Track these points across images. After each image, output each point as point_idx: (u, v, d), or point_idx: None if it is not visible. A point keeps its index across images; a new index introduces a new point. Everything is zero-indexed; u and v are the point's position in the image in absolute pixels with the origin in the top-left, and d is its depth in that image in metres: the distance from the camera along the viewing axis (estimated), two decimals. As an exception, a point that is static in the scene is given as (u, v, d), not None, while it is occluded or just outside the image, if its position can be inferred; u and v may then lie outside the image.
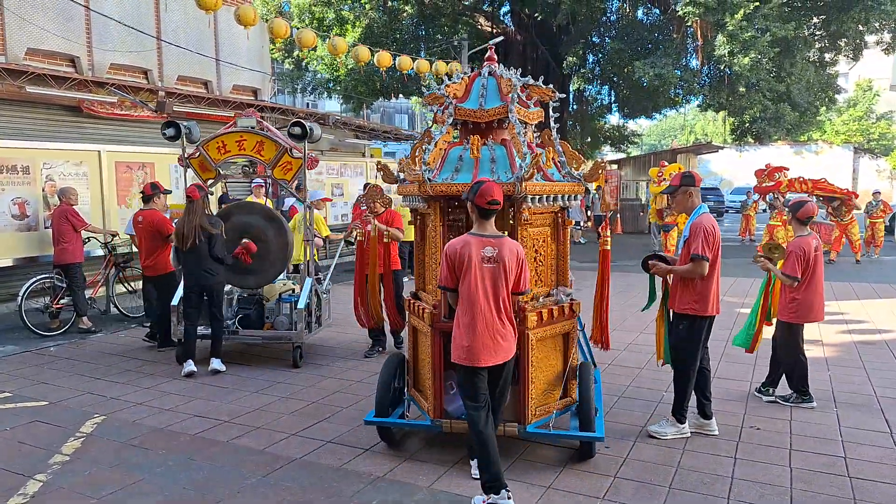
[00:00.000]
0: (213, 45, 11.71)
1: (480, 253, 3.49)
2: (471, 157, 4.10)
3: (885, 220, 15.17)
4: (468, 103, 4.23)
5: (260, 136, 6.48)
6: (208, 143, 6.57)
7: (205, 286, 6.01)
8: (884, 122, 54.38)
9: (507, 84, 4.17)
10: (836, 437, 4.42)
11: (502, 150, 4.13)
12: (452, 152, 4.19)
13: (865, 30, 17.52)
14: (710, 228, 4.26)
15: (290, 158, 6.47)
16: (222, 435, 4.54)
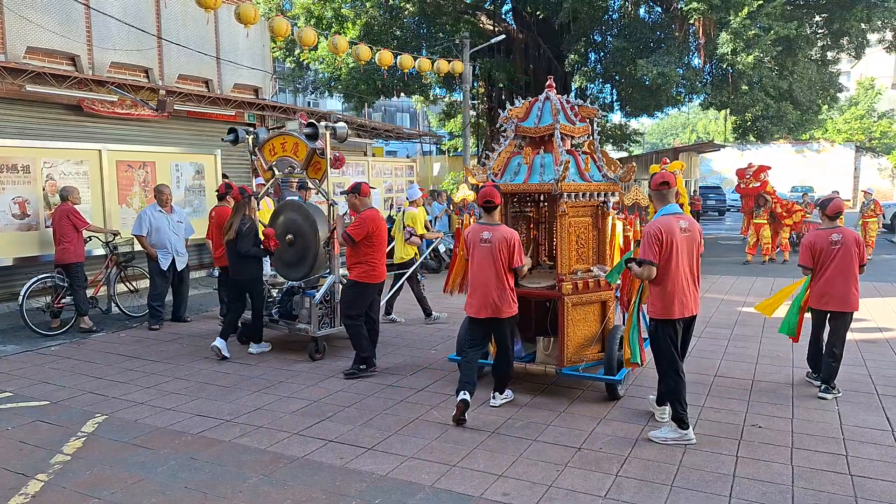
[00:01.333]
0: (213, 44, 11.69)
1: (480, 236, 4.87)
2: (525, 164, 5.41)
3: (878, 220, 15.11)
4: (527, 122, 5.54)
5: (296, 138, 6.94)
6: (263, 146, 7.21)
7: (236, 279, 6.68)
8: (885, 120, 54.28)
9: (554, 107, 5.42)
10: (837, 435, 4.42)
11: (550, 157, 5.32)
12: (513, 160, 5.55)
13: (868, 28, 17.44)
14: (658, 233, 4.28)
15: (319, 159, 6.83)
16: (224, 434, 4.55)
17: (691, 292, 4.43)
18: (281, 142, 7.12)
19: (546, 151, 5.40)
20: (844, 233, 5.27)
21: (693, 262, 4.48)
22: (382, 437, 4.45)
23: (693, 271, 4.46)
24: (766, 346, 6.91)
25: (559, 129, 5.32)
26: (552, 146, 5.37)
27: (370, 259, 5.95)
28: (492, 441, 4.37)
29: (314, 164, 6.89)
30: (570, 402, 5.11)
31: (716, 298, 9.78)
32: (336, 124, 6.96)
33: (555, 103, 5.47)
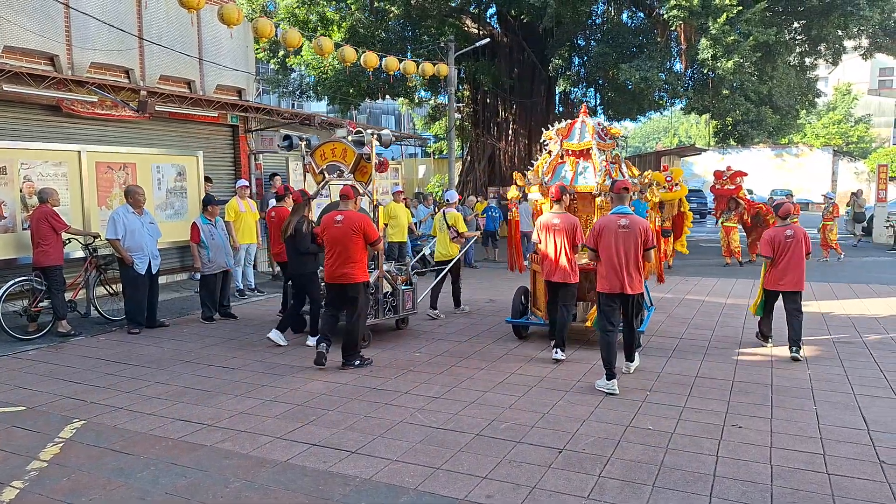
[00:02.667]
0: (196, 45, 11.60)
1: (551, 222, 6.47)
2: (570, 170, 7.21)
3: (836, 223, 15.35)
4: (570, 139, 7.26)
5: (344, 144, 7.55)
6: (315, 152, 7.81)
7: (294, 273, 7.31)
8: (862, 125, 55.27)
9: (591, 127, 7.18)
10: (815, 435, 4.48)
11: (588, 165, 7.13)
12: (560, 168, 7.33)
13: (844, 35, 17.79)
14: (597, 226, 5.78)
15: (365, 163, 7.48)
16: (205, 439, 4.50)
17: (624, 275, 5.56)
18: (331, 148, 7.70)
19: (585, 160, 7.18)
20: (796, 229, 6.63)
21: (631, 251, 5.56)
22: (366, 440, 4.44)
23: (630, 259, 5.56)
24: (747, 347, 6.99)
25: (595, 144, 7.08)
26: (589, 157, 7.13)
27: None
28: (476, 443, 4.37)
29: (361, 167, 7.51)
30: (552, 406, 5.13)
31: (696, 300, 9.88)
32: (381, 132, 7.78)
33: (592, 125, 7.24)
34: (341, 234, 6.13)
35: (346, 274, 6.13)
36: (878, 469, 3.94)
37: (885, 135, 59.83)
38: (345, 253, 6.12)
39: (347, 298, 6.23)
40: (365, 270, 6.31)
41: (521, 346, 7.04)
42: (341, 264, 6.14)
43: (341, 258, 6.14)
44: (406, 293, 7.72)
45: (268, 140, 12.27)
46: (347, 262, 6.12)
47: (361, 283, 6.24)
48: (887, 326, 7.93)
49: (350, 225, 6.12)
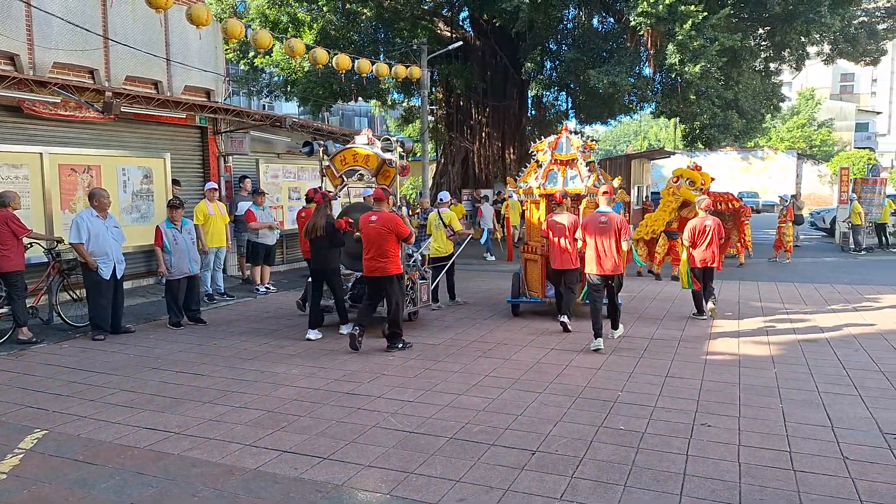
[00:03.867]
0: (163, 45, 11.38)
1: (557, 220, 7.91)
2: (560, 176, 8.59)
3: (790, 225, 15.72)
4: (558, 150, 8.70)
5: (367, 150, 8.13)
6: (335, 157, 8.33)
7: (323, 269, 7.62)
8: (825, 129, 56.75)
9: (575, 141, 8.77)
10: (781, 432, 4.56)
11: (573, 172, 8.60)
12: (551, 174, 8.68)
13: (807, 41, 18.23)
14: (584, 223, 7.28)
15: (388, 168, 8.04)
16: (173, 447, 4.41)
17: (604, 260, 7.01)
18: (353, 153, 8.23)
19: (571, 169, 8.63)
20: (713, 219, 8.52)
21: (610, 241, 6.98)
22: (338, 445, 4.39)
23: (610, 247, 6.97)
24: (715, 346, 7.11)
25: (581, 155, 8.67)
26: (574, 165, 8.63)
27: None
28: (449, 446, 4.36)
29: (383, 172, 8.06)
30: (525, 408, 5.14)
31: (667, 301, 10.00)
32: (403, 138, 8.50)
33: (575, 139, 8.88)
34: (375, 232, 6.87)
35: (381, 268, 6.90)
36: (842, 465, 4.03)
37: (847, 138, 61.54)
38: (379, 249, 6.88)
39: (382, 289, 7.00)
40: (398, 264, 7.06)
41: (495, 348, 7.05)
42: (377, 259, 6.90)
43: (377, 254, 6.89)
44: (422, 286, 8.36)
45: (237, 142, 12.10)
46: (382, 258, 6.89)
47: (395, 276, 6.99)
48: (848, 323, 8.14)
49: (383, 224, 6.88)
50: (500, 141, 23.98)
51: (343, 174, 8.35)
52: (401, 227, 6.97)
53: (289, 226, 13.29)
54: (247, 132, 12.31)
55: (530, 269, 9.00)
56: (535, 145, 9.10)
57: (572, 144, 8.70)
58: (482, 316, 8.96)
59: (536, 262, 8.81)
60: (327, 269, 7.63)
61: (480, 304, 9.93)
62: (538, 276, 8.80)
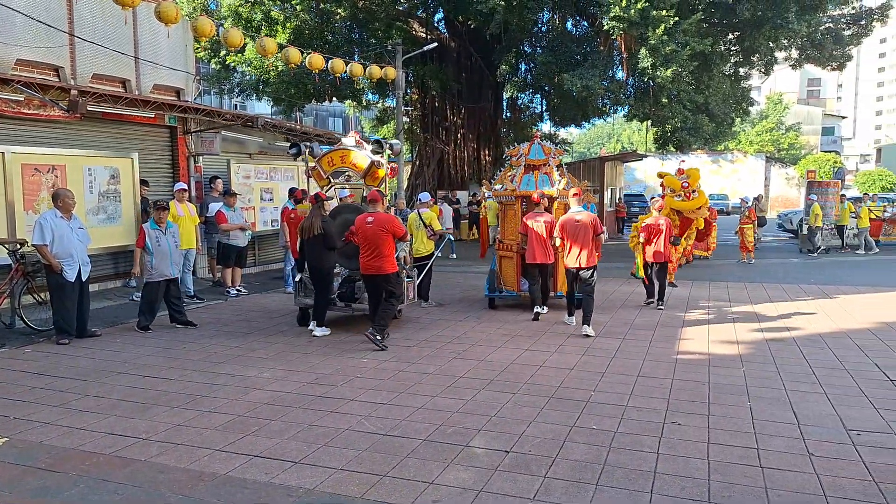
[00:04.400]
0: (131, 43, 11.16)
1: (535, 219, 8.59)
2: (533, 179, 9.30)
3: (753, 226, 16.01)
4: (531, 156, 9.44)
5: (355, 152, 8.25)
6: (322, 158, 8.42)
7: (320, 268, 7.79)
8: (792, 133, 58.01)
9: (546, 147, 9.58)
10: (749, 430, 4.63)
11: (546, 177, 9.36)
12: (525, 177, 9.35)
13: (775, 47, 18.62)
14: (562, 222, 8.03)
15: (376, 170, 8.18)
16: (140, 453, 4.31)
17: (579, 254, 7.86)
18: (340, 155, 8.34)
19: (543, 173, 9.39)
20: (663, 220, 9.66)
21: (586, 237, 7.84)
22: (310, 449, 4.33)
23: (585, 242, 7.83)
24: (686, 346, 7.19)
25: (552, 161, 9.49)
26: (546, 170, 9.42)
27: None
28: (423, 448, 4.33)
29: (371, 173, 8.21)
30: (499, 408, 5.14)
31: (638, 302, 10.10)
32: (392, 141, 8.70)
33: (546, 145, 9.71)
34: (372, 232, 7.13)
35: (378, 266, 7.16)
36: (808, 461, 4.10)
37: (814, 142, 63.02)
38: (376, 249, 7.14)
39: (380, 286, 7.28)
40: (394, 262, 7.34)
41: (470, 349, 7.05)
42: (374, 258, 7.16)
43: (374, 253, 7.16)
44: (408, 285, 8.51)
45: (208, 142, 11.92)
46: (379, 257, 7.15)
47: (392, 274, 7.29)
48: (814, 322, 8.31)
49: (380, 225, 7.14)
50: (475, 142, 24.04)
51: (330, 175, 8.52)
52: (397, 227, 7.27)
53: (260, 227, 13.14)
54: (218, 132, 12.14)
55: (505, 265, 9.59)
56: (509, 150, 10.19)
57: (544, 150, 9.54)
58: (457, 317, 8.96)
59: (511, 258, 9.39)
60: (324, 267, 7.85)
61: (455, 304, 9.93)
62: (513, 271, 9.42)
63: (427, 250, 9.71)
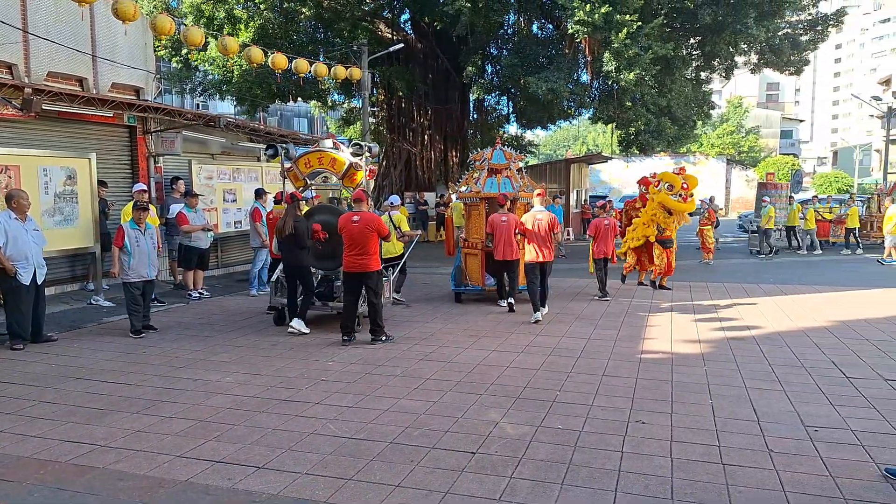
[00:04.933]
0: (89, 40, 10.86)
1: (500, 219, 9.11)
2: (496, 182, 9.99)
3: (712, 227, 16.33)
4: (493, 160, 10.17)
5: (333, 154, 8.40)
6: (299, 160, 8.54)
7: (297, 267, 7.96)
8: (752, 136, 59.52)
9: (507, 153, 10.33)
10: (711, 427, 4.72)
11: (507, 180, 10.07)
12: (489, 180, 10.06)
13: (735, 51, 19.07)
14: (525, 219, 8.90)
15: (354, 171, 8.37)
16: (97, 460, 4.19)
17: (542, 249, 8.71)
18: (318, 157, 8.46)
19: (504, 176, 10.12)
20: (609, 219, 10.74)
21: (545, 233, 8.71)
22: (274, 454, 4.27)
23: (545, 239, 8.71)
24: (649, 346, 7.31)
25: (512, 165, 10.32)
26: (508, 173, 10.18)
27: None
28: (389, 451, 4.31)
29: (349, 174, 8.39)
30: (466, 409, 5.15)
31: (603, 301, 10.23)
32: (371, 144, 8.93)
33: (507, 151, 10.55)
34: (358, 231, 7.25)
35: (363, 264, 7.29)
36: (767, 457, 4.20)
37: (773, 145, 64.79)
38: (362, 247, 7.26)
39: (363, 284, 7.39)
40: (378, 261, 7.50)
41: (437, 351, 7.03)
42: (359, 256, 7.28)
43: (359, 251, 7.27)
44: (385, 284, 8.60)
45: (169, 142, 11.66)
46: (364, 255, 7.28)
47: (376, 272, 7.40)
48: (773, 321, 8.52)
49: (366, 224, 7.28)
50: (442, 143, 24.05)
51: (307, 176, 8.65)
52: (382, 226, 7.47)
53: (223, 229, 12.91)
54: (179, 132, 11.88)
55: (470, 262, 10.25)
56: (473, 155, 11.28)
57: (505, 155, 10.32)
58: (424, 318, 8.94)
59: (476, 255, 10.07)
60: (301, 267, 8.02)
61: (422, 304, 9.90)
62: (478, 267, 10.13)
63: (397, 251, 9.95)
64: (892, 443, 4.42)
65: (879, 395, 5.48)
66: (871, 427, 4.72)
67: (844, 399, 5.37)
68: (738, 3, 16.35)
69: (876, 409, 5.10)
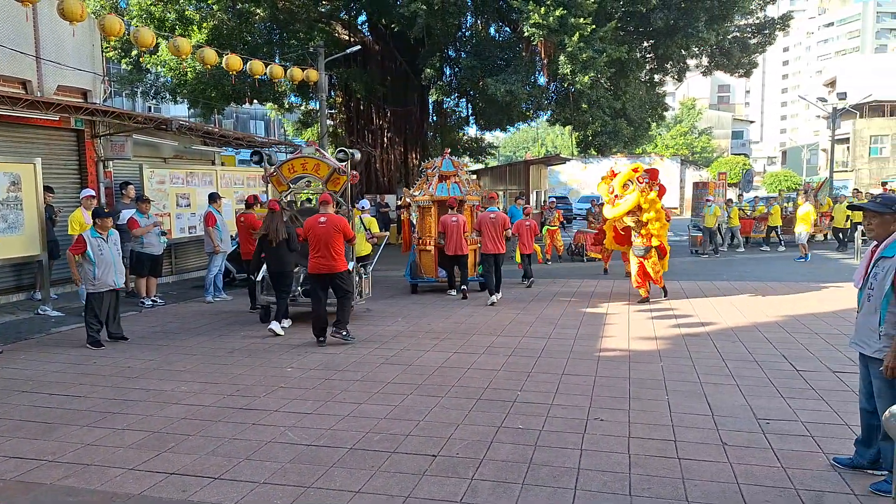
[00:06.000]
0: (32, 41, 10.47)
1: (451, 219, 10.54)
2: (446, 187, 11.30)
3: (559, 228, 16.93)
4: (443, 168, 11.56)
5: (317, 160, 8.90)
6: (282, 165, 9.03)
7: (282, 271, 8.24)
8: (705, 137, 61.11)
9: (455, 162, 11.88)
10: (667, 423, 4.82)
11: (456, 186, 11.37)
12: (439, 185, 11.33)
13: (687, 54, 19.56)
14: (479, 218, 10.65)
15: (338, 176, 8.81)
16: (45, 476, 4.04)
17: (496, 243, 10.38)
18: (301, 162, 8.92)
19: (453, 182, 11.46)
20: (529, 222, 12.19)
21: (497, 231, 10.39)
22: (231, 464, 4.18)
23: (499, 234, 10.38)
24: (607, 343, 7.42)
25: (459, 172, 11.77)
26: (456, 179, 11.53)
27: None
28: (349, 457, 4.26)
29: (333, 179, 8.81)
30: (427, 412, 5.13)
31: (563, 301, 10.35)
32: (353, 150, 9.41)
33: (455, 160, 12.04)
34: (324, 232, 7.44)
35: (331, 265, 7.49)
36: (722, 451, 4.30)
37: (725, 145, 66.65)
38: (329, 248, 7.45)
39: (333, 285, 7.62)
40: (345, 261, 7.71)
41: (398, 354, 7.00)
42: (326, 258, 7.47)
43: (326, 253, 7.46)
44: (364, 281, 9.40)
45: (118, 146, 11.33)
46: (331, 256, 7.48)
47: (344, 271, 7.65)
48: (726, 317, 8.75)
49: (332, 225, 7.49)
50: (402, 146, 23.99)
51: (290, 181, 9.07)
52: (347, 228, 7.70)
53: (177, 234, 12.61)
54: (129, 135, 11.56)
55: (424, 257, 11.48)
56: (425, 164, 12.75)
57: (453, 164, 11.78)
58: (385, 321, 8.89)
59: (430, 252, 11.35)
60: (285, 270, 8.29)
61: (384, 305, 9.84)
62: (431, 262, 11.39)
63: (366, 251, 10.69)
64: (840, 433, 4.57)
65: (828, 386, 5.66)
66: (820, 419, 4.87)
67: (795, 392, 5.53)
68: (690, 7, 16.78)
69: (825, 401, 5.27)
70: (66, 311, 9.57)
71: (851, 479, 3.86)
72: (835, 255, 17.35)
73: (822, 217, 19.94)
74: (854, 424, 4.41)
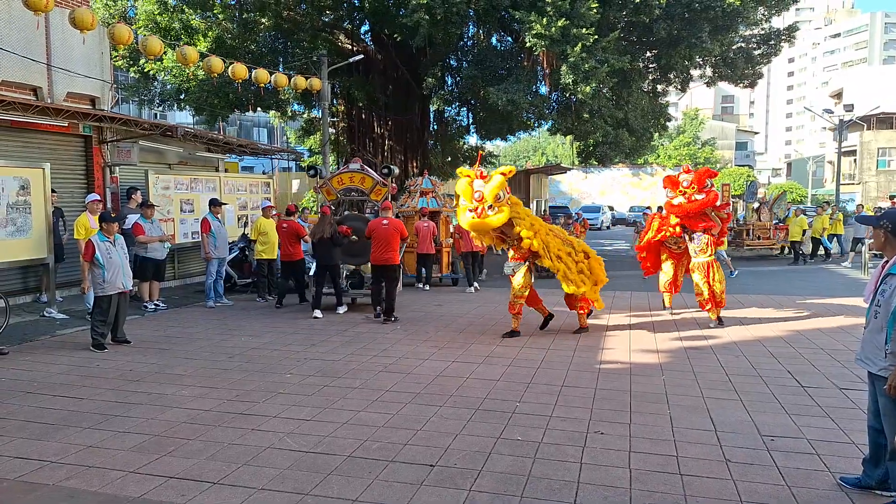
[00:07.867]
0: (44, 49, 10.57)
1: (423, 225, 12.77)
2: (425, 200, 13.84)
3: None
4: (423, 185, 14.18)
5: (362, 174, 10.80)
6: (332, 178, 11.00)
7: (328, 265, 9.95)
8: (708, 147, 61.14)
9: (433, 181, 14.58)
10: (669, 438, 4.79)
11: (434, 199, 14.02)
12: (421, 199, 13.86)
13: (690, 64, 19.57)
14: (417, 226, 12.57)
15: (380, 188, 10.61)
16: (47, 477, 4.07)
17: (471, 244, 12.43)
18: (349, 176, 10.84)
19: (430, 196, 13.79)
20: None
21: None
22: (230, 469, 4.20)
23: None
24: (608, 356, 7.42)
25: (438, 190, 13.99)
26: (433, 194, 13.86)
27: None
28: (347, 465, 4.28)
29: (376, 190, 10.59)
30: (425, 422, 5.15)
31: (564, 312, 10.32)
32: (391, 166, 11.24)
33: (433, 178, 14.40)
34: (386, 232, 9.30)
35: (388, 258, 9.32)
36: (725, 467, 4.26)
37: (728, 156, 66.65)
38: (388, 245, 9.29)
39: (387, 275, 9.42)
40: (398, 256, 9.58)
41: (397, 362, 7.01)
42: (386, 252, 9.30)
43: (386, 248, 9.30)
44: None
45: (125, 152, 11.42)
46: (389, 251, 9.30)
47: (397, 265, 9.57)
48: (729, 331, 8.73)
49: (393, 227, 9.41)
50: (402, 154, 24.02)
51: (340, 192, 10.91)
52: (403, 229, 9.64)
53: (180, 239, 12.66)
54: (135, 142, 11.65)
55: (407, 257, 13.00)
56: (408, 182, 15.38)
57: (432, 182, 14.24)
58: (384, 329, 8.91)
59: (412, 253, 13.13)
60: (332, 263, 9.96)
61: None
62: (412, 261, 13.35)
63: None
64: (846, 451, 4.50)
65: (834, 403, 5.58)
66: (825, 436, 4.80)
67: (800, 408, 5.44)
68: (693, 17, 16.81)
69: (830, 418, 5.19)
70: (70, 313, 9.62)
71: (858, 499, 3.81)
72: (845, 270, 17.32)
73: (777, 230, 19.89)
74: (861, 443, 4.34)
